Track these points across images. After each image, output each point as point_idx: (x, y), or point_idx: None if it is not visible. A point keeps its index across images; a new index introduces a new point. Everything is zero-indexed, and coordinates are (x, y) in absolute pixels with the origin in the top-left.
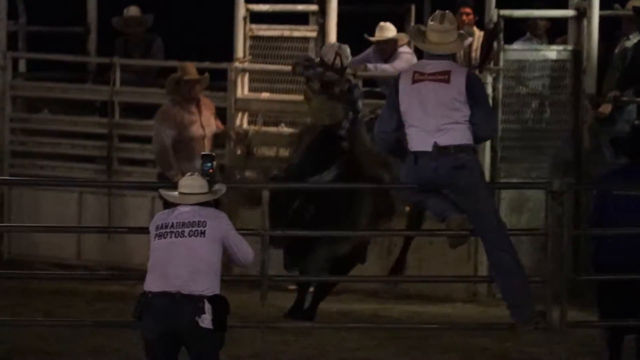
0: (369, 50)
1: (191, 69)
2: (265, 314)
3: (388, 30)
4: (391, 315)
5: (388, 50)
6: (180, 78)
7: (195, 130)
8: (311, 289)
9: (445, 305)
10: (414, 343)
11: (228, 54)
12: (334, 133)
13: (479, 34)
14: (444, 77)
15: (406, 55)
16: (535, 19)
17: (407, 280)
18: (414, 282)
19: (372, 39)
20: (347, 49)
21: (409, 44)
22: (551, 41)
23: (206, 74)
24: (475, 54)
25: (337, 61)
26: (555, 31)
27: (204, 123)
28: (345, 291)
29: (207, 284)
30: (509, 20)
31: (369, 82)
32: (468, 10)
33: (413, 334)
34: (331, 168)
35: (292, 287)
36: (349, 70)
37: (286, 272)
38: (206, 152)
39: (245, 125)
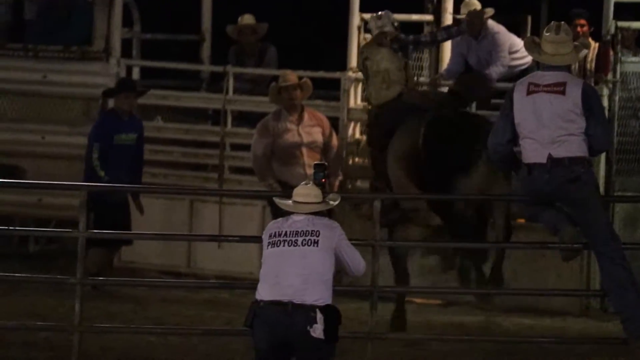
0: (454, 30)
1: (290, 76)
2: (375, 324)
3: (474, 4)
4: (501, 328)
5: (477, 25)
6: (280, 86)
7: (291, 137)
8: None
9: (557, 318)
10: (523, 357)
11: (342, 63)
12: None
13: (594, 45)
14: (559, 88)
15: (500, 37)
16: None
17: (518, 292)
18: (526, 294)
19: (459, 16)
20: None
21: (492, 17)
22: None
23: (305, 79)
24: (590, 65)
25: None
26: None
27: (302, 132)
28: (455, 303)
29: (319, 294)
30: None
31: None
32: (583, 21)
33: (522, 348)
34: None
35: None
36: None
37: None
38: (308, 159)
39: (357, 135)
